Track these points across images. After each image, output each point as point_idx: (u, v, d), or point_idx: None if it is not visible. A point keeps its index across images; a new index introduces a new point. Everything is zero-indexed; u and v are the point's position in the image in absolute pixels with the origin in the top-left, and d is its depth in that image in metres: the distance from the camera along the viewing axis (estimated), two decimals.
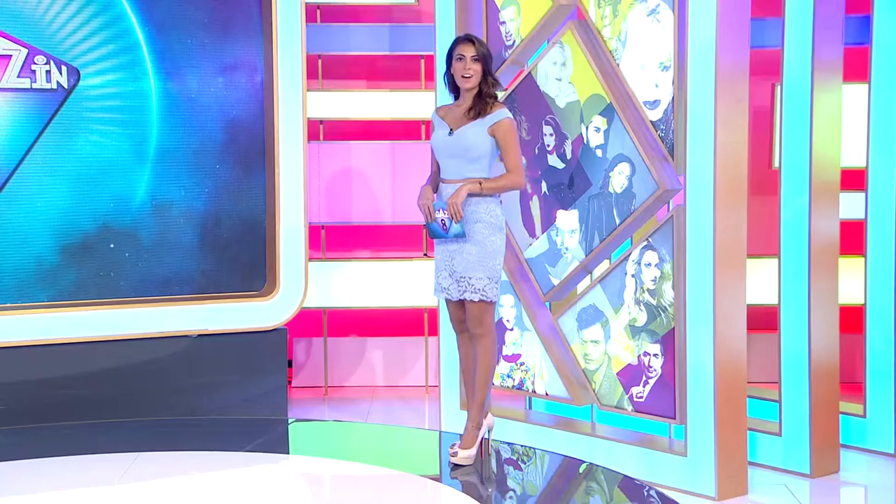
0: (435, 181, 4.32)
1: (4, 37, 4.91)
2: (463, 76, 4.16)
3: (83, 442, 4.78)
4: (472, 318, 4.25)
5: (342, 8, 6.20)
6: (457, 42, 4.22)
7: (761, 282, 5.16)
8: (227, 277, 5.43)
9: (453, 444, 4.34)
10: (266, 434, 5.08)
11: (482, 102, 4.18)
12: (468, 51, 4.15)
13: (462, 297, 4.24)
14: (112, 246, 5.20)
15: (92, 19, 5.07)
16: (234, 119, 5.39)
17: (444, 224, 4.15)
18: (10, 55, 4.94)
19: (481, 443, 4.37)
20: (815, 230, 4.48)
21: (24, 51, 4.96)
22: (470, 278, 4.19)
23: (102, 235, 5.19)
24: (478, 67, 4.15)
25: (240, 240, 5.46)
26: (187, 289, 5.36)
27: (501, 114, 4.18)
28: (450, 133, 4.21)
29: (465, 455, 4.31)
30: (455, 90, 4.26)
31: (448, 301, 4.33)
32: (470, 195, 4.15)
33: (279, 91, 5.36)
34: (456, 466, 4.29)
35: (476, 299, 4.19)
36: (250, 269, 5.48)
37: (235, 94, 5.38)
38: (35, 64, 4.98)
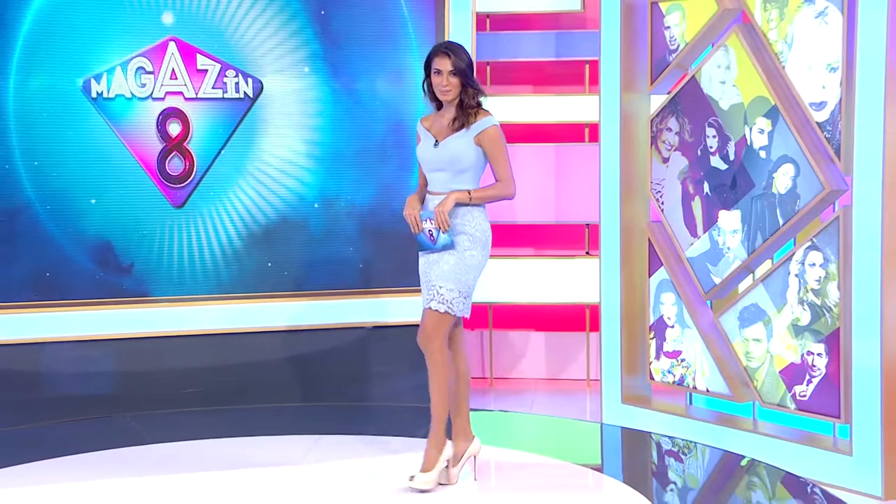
0: (421, 193, 4.14)
1: (202, 54, 5.39)
2: (441, 90, 3.98)
3: (268, 424, 5.11)
4: (426, 328, 3.97)
5: (511, 16, 6.36)
6: (433, 54, 3.99)
7: None
8: (394, 273, 5.65)
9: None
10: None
11: (465, 114, 3.98)
12: (444, 65, 3.94)
13: (428, 306, 3.97)
14: (289, 240, 5.53)
15: (275, 35, 5.46)
16: (403, 122, 5.62)
17: (432, 235, 3.99)
18: (207, 69, 5.41)
19: (448, 466, 4.10)
20: None
21: (218, 66, 5.42)
22: (440, 287, 3.96)
23: (281, 230, 5.52)
24: (455, 81, 3.94)
25: (407, 237, 5.71)
26: (358, 282, 5.63)
27: (487, 122, 3.98)
28: (435, 144, 4.02)
29: (424, 479, 3.99)
30: (436, 99, 4.06)
31: None
32: (458, 205, 3.98)
33: None
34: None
35: (442, 310, 3.93)
36: (416, 266, 5.73)
37: (406, 100, 5.62)
38: (226, 77, 5.43)
